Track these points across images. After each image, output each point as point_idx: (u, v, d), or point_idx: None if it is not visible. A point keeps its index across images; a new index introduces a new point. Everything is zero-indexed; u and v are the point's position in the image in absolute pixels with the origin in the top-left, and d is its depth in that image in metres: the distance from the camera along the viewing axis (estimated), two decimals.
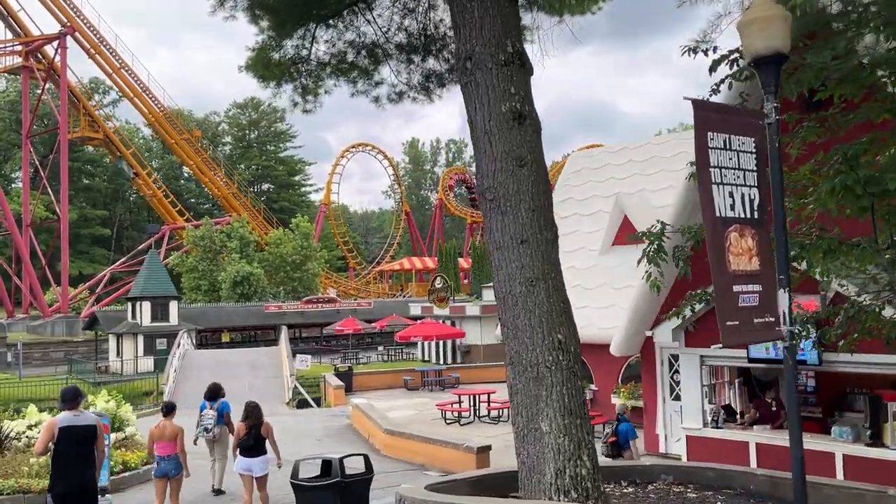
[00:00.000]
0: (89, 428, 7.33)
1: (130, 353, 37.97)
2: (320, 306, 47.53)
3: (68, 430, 7.13)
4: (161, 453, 9.51)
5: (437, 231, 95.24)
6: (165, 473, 9.50)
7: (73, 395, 7.49)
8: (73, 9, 50.14)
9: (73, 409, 7.36)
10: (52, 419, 7.30)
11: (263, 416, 9.80)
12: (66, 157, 50.98)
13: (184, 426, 9.88)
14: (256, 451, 9.53)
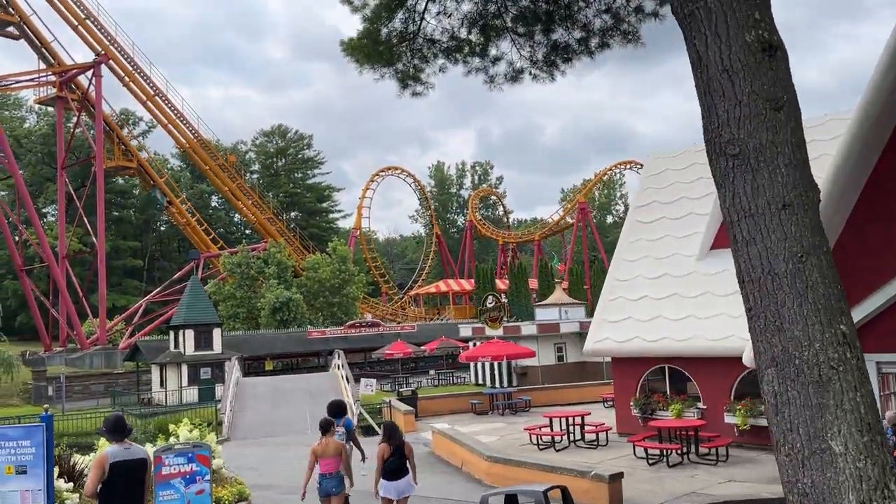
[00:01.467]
0: (140, 462, 6.69)
1: (174, 383, 36.67)
2: (363, 331, 46.09)
3: (120, 466, 6.51)
4: (324, 471, 9.34)
5: (468, 253, 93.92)
6: (328, 492, 9.35)
7: (121, 424, 6.82)
8: (108, 37, 49.85)
9: (122, 440, 6.68)
10: (102, 454, 6.63)
11: None
12: (103, 187, 50.32)
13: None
14: (403, 472, 9.32)
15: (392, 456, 9.26)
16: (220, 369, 37.87)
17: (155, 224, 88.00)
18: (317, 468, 9.41)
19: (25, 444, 9.52)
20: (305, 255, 58.40)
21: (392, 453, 9.26)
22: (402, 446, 9.37)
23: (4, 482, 9.40)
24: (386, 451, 9.27)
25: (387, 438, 9.41)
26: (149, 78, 51.71)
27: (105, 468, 6.39)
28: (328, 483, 9.34)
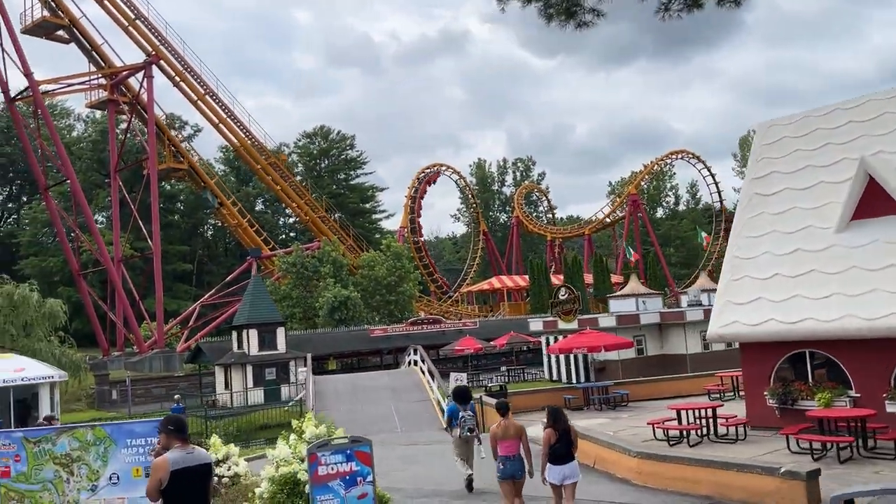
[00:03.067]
0: (205, 467, 5.97)
1: (239, 384, 35.66)
2: (425, 328, 44.73)
3: (183, 473, 5.75)
4: (505, 453, 9.22)
5: (514, 250, 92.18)
6: (512, 475, 9.23)
7: (182, 424, 6.10)
8: (158, 37, 49.31)
9: (184, 443, 5.96)
10: (161, 459, 5.86)
11: None
12: (156, 189, 49.80)
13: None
14: (569, 458, 9.06)
15: (558, 441, 8.98)
16: (285, 370, 36.83)
17: (202, 228, 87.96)
18: None
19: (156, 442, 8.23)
20: (358, 254, 57.30)
21: (558, 438, 8.99)
22: (569, 431, 9.09)
23: (132, 486, 8.09)
24: (552, 437, 9.00)
25: (552, 423, 9.10)
26: (199, 77, 51.14)
27: (164, 476, 5.67)
28: (512, 465, 9.16)
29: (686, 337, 34.52)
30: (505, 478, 9.27)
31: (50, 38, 50.27)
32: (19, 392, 15.11)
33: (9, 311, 28.57)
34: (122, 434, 8.12)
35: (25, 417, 15.78)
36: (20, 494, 8.24)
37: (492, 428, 9.45)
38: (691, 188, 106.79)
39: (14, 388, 14.86)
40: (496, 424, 9.47)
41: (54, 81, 47.20)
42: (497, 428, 9.35)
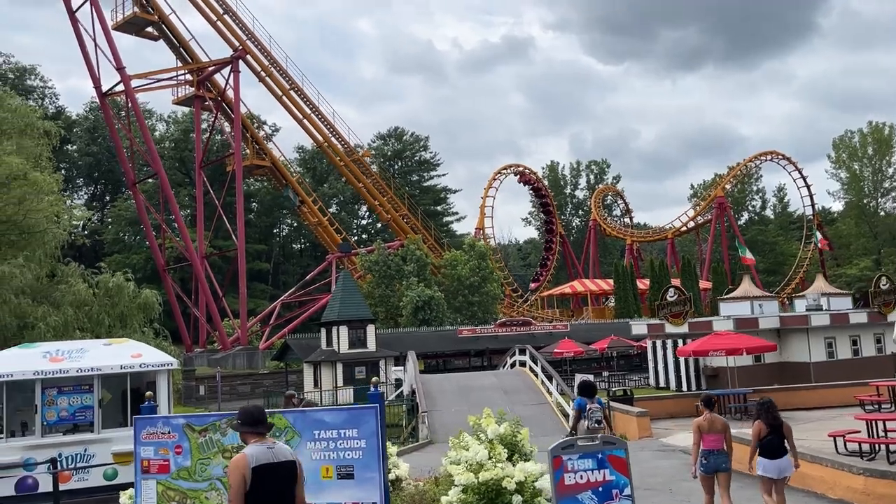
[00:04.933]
0: (289, 466, 5.06)
1: (329, 382, 34.50)
2: (514, 329, 42.88)
3: (265, 471, 4.91)
4: (710, 446, 9.02)
5: (592, 254, 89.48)
6: (716, 468, 9.02)
7: (261, 416, 5.25)
8: (245, 31, 49.03)
9: (263, 437, 5.14)
10: (239, 456, 5.02)
11: None
12: (241, 185, 49.48)
13: None
14: (783, 451, 8.87)
15: (770, 434, 8.82)
16: (375, 369, 35.52)
17: (277, 227, 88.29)
18: None
19: (352, 435, 6.61)
20: (440, 253, 55.88)
21: (769, 432, 8.82)
22: (781, 426, 8.88)
23: (320, 489, 6.49)
24: (762, 429, 8.86)
25: (763, 416, 8.96)
26: (285, 72, 50.64)
27: (247, 474, 4.84)
28: (717, 459, 8.99)
29: (809, 343, 31.68)
30: (708, 472, 9.05)
31: (139, 34, 50.61)
32: (135, 379, 13.86)
33: (104, 300, 28.02)
34: (308, 424, 6.53)
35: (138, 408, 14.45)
36: (182, 494, 6.76)
37: (697, 420, 9.27)
38: (779, 192, 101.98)
39: (131, 375, 13.62)
40: (702, 417, 9.25)
41: (144, 76, 47.31)
42: (703, 420, 9.14)
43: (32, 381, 13.33)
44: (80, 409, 13.72)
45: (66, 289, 27.65)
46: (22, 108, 28.43)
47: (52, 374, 13.41)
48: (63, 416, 13.65)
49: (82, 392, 13.72)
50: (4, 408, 13.41)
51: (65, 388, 13.66)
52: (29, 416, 13.79)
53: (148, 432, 6.97)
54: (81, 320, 26.57)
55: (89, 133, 78.34)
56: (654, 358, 33.82)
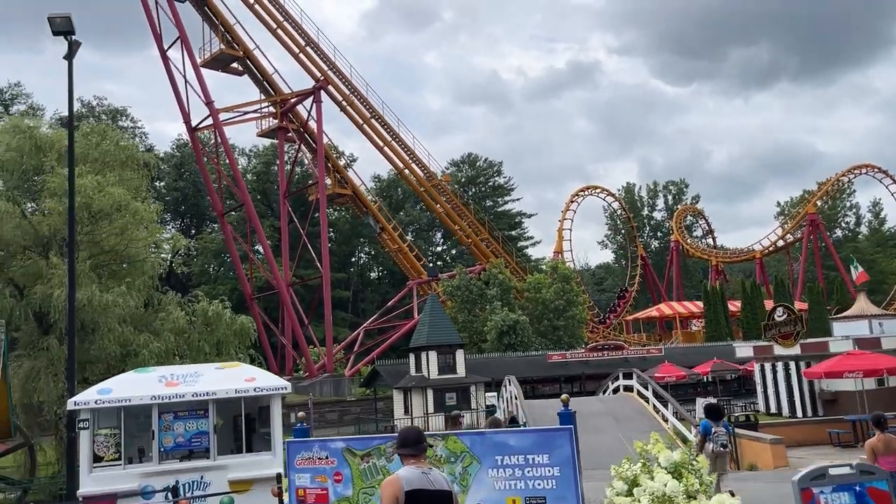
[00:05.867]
0: (445, 496, 4.63)
1: (420, 409, 33.83)
2: (606, 354, 41.39)
3: (418, 497, 4.54)
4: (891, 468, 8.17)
5: (675, 275, 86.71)
6: None
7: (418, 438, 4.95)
8: (327, 62, 49.79)
9: (417, 459, 4.82)
10: (392, 477, 4.77)
11: None
12: (325, 213, 49.93)
13: None
14: None
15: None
16: (466, 394, 34.72)
17: (355, 255, 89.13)
18: None
19: (542, 462, 5.82)
20: (522, 277, 54.91)
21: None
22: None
23: None
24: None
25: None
26: (366, 100, 51.08)
27: (400, 497, 4.59)
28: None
29: None
30: None
31: (225, 70, 52.06)
32: (249, 404, 13.45)
33: (202, 328, 28.19)
34: (489, 448, 5.76)
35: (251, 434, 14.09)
36: None
37: (870, 442, 8.98)
38: (874, 206, 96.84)
39: (245, 400, 13.20)
40: (875, 438, 8.97)
41: (230, 110, 48.51)
42: (877, 442, 8.84)
43: (149, 406, 13.10)
44: (196, 435, 13.39)
45: (166, 317, 27.95)
46: (123, 141, 29.23)
47: (169, 399, 13.16)
48: (179, 441, 13.35)
49: (197, 417, 13.41)
50: (122, 433, 13.20)
51: (180, 413, 13.38)
52: (145, 441, 13.55)
53: (303, 458, 6.38)
54: (181, 347, 26.77)
55: (176, 169, 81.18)
56: (763, 382, 31.87)
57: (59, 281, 25.21)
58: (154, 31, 47.18)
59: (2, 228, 25.80)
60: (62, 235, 26.93)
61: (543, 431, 5.85)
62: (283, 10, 48.83)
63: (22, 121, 27.79)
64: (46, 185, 25.44)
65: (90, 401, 12.86)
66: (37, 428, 26.14)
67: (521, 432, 5.83)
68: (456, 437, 5.86)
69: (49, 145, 26.45)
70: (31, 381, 25.66)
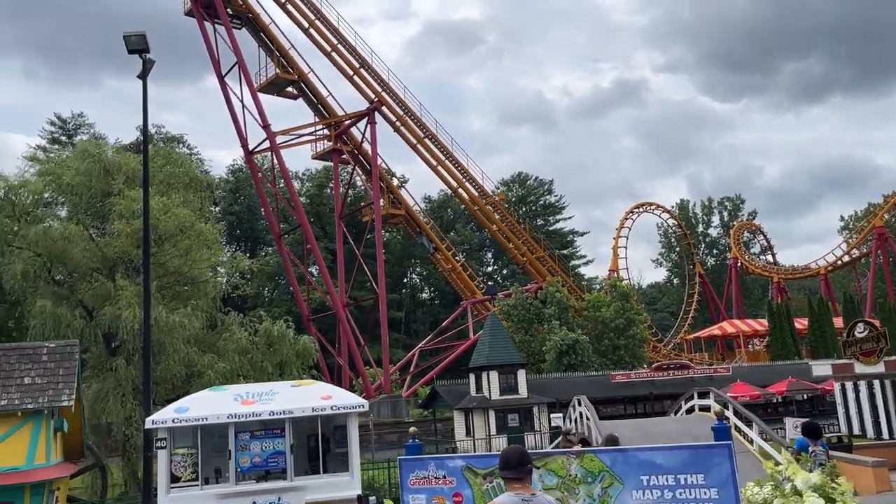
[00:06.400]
0: None
1: (482, 430, 33.12)
2: (672, 374, 40.05)
3: None
4: None
5: (734, 293, 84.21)
6: None
7: (522, 458, 4.58)
8: (380, 83, 50.06)
9: (521, 483, 4.44)
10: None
11: None
12: (380, 234, 49.93)
13: None
14: None
15: None
16: (529, 416, 33.89)
17: (407, 277, 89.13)
18: None
19: (696, 482, 5.19)
20: (579, 295, 53.89)
21: None
22: None
23: None
24: None
25: None
26: (419, 120, 51.10)
27: None
28: None
29: None
30: None
31: (280, 94, 52.76)
32: (325, 423, 13.04)
33: (265, 348, 28.19)
34: (633, 467, 5.16)
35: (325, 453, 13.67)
36: None
37: None
38: None
39: (322, 418, 12.79)
40: None
41: (286, 133, 49.07)
42: None
43: (226, 426, 12.82)
44: (273, 455, 13.04)
45: (229, 337, 28.02)
46: (186, 163, 29.60)
47: (245, 418, 12.86)
48: (256, 462, 13.01)
49: (274, 437, 13.07)
50: (199, 453, 12.93)
51: (256, 432, 13.07)
52: (221, 461, 13.26)
53: (417, 477, 5.88)
54: (245, 368, 26.73)
55: (231, 194, 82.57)
56: (844, 402, 30.28)
57: (127, 302, 25.45)
58: (212, 58, 48.19)
59: (72, 251, 26.25)
60: (129, 257, 27.31)
61: (697, 448, 5.23)
62: (338, 33, 49.37)
63: (91, 145, 28.37)
64: (115, 207, 25.83)
65: (168, 419, 12.65)
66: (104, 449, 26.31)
67: (671, 449, 5.22)
68: (593, 455, 5.29)
69: (117, 168, 26.89)
70: (100, 402, 25.89)
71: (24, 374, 16.29)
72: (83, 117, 76.79)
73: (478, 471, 5.61)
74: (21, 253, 25.71)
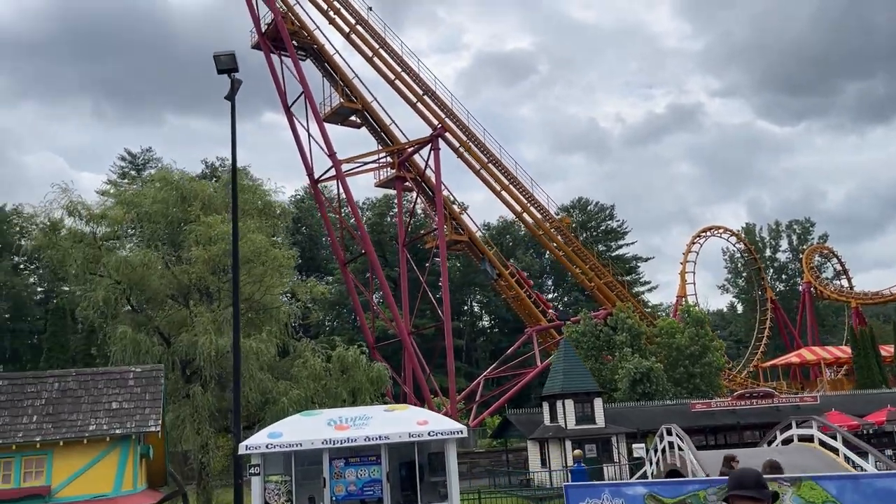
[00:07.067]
0: None
1: (558, 461, 31.90)
2: (755, 402, 38.15)
3: None
4: None
5: (808, 319, 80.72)
6: None
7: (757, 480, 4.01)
8: (444, 109, 49.97)
9: None
10: None
11: None
12: (445, 261, 49.47)
13: None
14: None
15: None
16: (607, 446, 32.55)
17: (467, 304, 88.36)
18: None
19: None
20: (651, 321, 52.23)
21: None
22: None
23: None
24: None
25: None
26: (483, 145, 50.76)
27: None
28: None
29: None
30: None
31: (344, 123, 53.19)
32: (422, 449, 12.35)
33: (338, 374, 27.74)
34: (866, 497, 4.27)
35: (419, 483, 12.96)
36: None
37: None
38: None
39: (419, 445, 12.12)
40: None
41: (351, 161, 49.31)
42: None
43: (320, 451, 12.30)
44: (369, 483, 12.42)
45: (303, 364, 27.70)
46: (259, 190, 29.72)
47: (340, 444, 12.31)
48: (351, 490, 12.41)
49: (369, 464, 12.47)
50: (293, 480, 12.41)
51: (351, 458, 12.50)
52: (314, 489, 12.71)
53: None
54: (319, 395, 26.31)
55: (294, 223, 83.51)
56: None
57: (203, 328, 25.40)
58: (279, 90, 48.98)
59: (150, 278, 26.44)
60: (205, 283, 27.40)
61: None
62: (402, 61, 49.62)
63: (169, 173, 28.73)
64: (191, 234, 25.98)
65: (261, 445, 12.20)
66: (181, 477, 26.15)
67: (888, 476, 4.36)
68: (813, 483, 4.51)
69: (193, 195, 27.12)
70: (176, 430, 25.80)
71: (111, 398, 16.14)
72: (151, 152, 79.23)
73: (664, 499, 4.85)
74: (102, 280, 26.00)
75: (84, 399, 15.90)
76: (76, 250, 25.64)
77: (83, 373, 16.78)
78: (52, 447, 14.82)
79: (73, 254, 25.80)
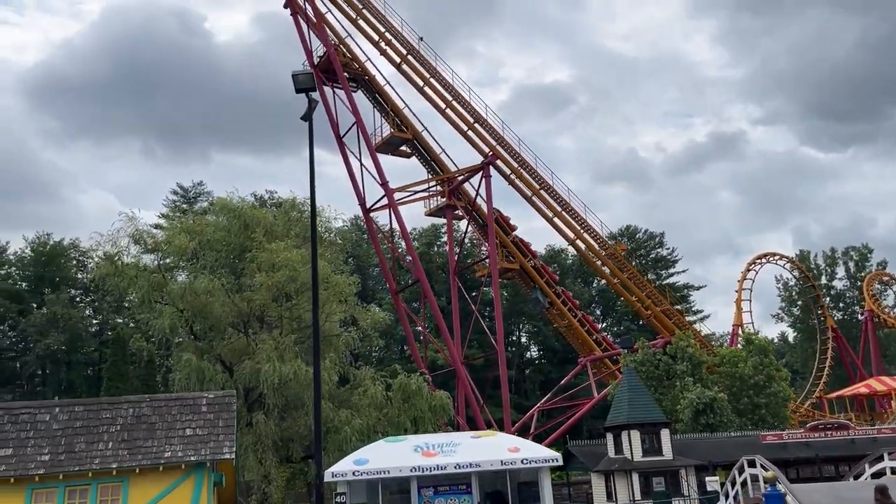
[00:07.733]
0: None
1: (625, 495, 30.65)
2: (829, 434, 36.35)
3: None
4: None
5: (872, 348, 77.67)
6: None
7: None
8: (495, 136, 49.77)
9: None
10: None
11: None
12: (497, 290, 48.88)
13: None
14: None
15: None
16: (675, 479, 31.20)
17: (515, 335, 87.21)
18: None
19: None
20: (710, 349, 50.62)
21: None
22: None
23: None
24: None
25: None
26: (535, 172, 50.31)
27: None
28: None
29: None
30: None
31: (395, 153, 53.33)
32: (513, 477, 11.68)
33: (400, 403, 27.24)
34: None
35: None
36: None
37: None
38: None
39: (510, 473, 11.46)
40: None
41: (403, 189, 49.29)
42: None
43: (408, 479, 11.77)
44: None
45: (363, 392, 27.30)
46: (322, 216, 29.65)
47: (430, 471, 11.75)
48: None
49: (459, 493, 11.89)
50: None
51: (440, 486, 11.94)
52: None
53: None
54: (382, 423, 25.79)
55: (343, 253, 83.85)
56: None
57: (266, 356, 25.20)
58: (331, 120, 49.43)
59: (212, 305, 26.44)
60: (267, 311, 27.28)
61: None
62: (453, 90, 49.66)
63: (229, 201, 28.86)
64: (255, 260, 25.97)
65: (347, 472, 11.73)
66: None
67: None
68: None
69: (256, 223, 27.18)
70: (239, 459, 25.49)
71: (185, 425, 15.84)
72: (203, 185, 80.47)
73: None
74: (166, 308, 26.07)
75: (158, 426, 15.64)
76: (141, 278, 25.79)
77: (157, 398, 16.54)
78: (128, 474, 14.54)
79: (137, 282, 25.96)
